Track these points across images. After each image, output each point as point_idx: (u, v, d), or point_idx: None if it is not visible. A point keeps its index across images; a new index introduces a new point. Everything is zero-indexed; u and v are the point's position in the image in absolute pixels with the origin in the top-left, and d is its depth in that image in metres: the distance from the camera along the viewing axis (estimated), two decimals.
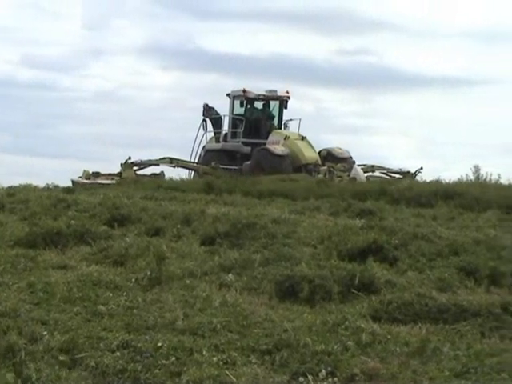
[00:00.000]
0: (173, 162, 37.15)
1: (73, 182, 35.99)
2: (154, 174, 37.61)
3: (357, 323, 9.02)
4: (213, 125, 38.17)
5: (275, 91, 37.78)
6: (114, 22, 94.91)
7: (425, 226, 16.47)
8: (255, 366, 7.60)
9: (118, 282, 11.38)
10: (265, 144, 37.08)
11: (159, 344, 8.22)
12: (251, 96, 37.45)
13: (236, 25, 75.20)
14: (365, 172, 37.15)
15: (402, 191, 26.25)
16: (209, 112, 37.86)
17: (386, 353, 8.00)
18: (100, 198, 22.13)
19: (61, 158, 73.26)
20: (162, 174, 38.25)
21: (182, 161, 37.50)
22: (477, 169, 34.64)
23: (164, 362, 7.79)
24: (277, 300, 10.74)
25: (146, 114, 78.64)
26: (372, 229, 14.80)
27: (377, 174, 39.23)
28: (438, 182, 29.99)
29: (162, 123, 74.64)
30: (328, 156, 36.25)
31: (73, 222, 16.36)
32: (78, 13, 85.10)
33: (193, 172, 38.89)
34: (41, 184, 32.30)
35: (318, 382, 7.15)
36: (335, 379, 7.19)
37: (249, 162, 36.37)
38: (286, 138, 36.30)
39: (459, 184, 29.79)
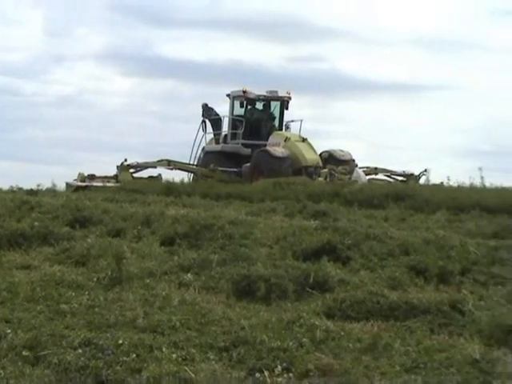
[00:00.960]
0: (170, 164, 35.40)
1: (68, 184, 34.62)
2: (151, 177, 36.37)
3: (311, 321, 9.04)
4: (212, 126, 36.52)
5: (276, 92, 36.32)
6: (75, 28, 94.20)
7: (377, 226, 16.59)
8: (213, 362, 7.59)
9: (80, 281, 11.36)
10: (265, 146, 35.57)
11: (120, 341, 8.18)
12: (251, 96, 36.01)
13: (193, 33, 75.59)
14: (367, 174, 36.09)
15: (354, 193, 26.71)
16: (208, 113, 36.25)
17: (340, 349, 8.02)
18: (63, 200, 22.05)
19: (24, 162, 72.74)
20: (159, 176, 36.91)
21: (180, 163, 35.87)
22: (427, 172, 35.99)
23: (125, 358, 7.74)
24: (234, 299, 10.76)
25: (106, 118, 78.24)
26: (326, 230, 14.87)
27: (380, 176, 38.22)
28: (390, 184, 30.99)
29: (122, 127, 74.36)
30: (329, 158, 34.51)
31: (36, 223, 16.32)
32: (40, 19, 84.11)
33: (192, 174, 37.37)
34: (5, 187, 32.17)
35: (274, 377, 7.13)
36: (290, 375, 7.20)
37: (248, 164, 34.85)
38: (287, 139, 34.71)
39: (410, 186, 30.30)
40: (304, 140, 34.70)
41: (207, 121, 36.38)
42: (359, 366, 7.44)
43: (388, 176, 38.23)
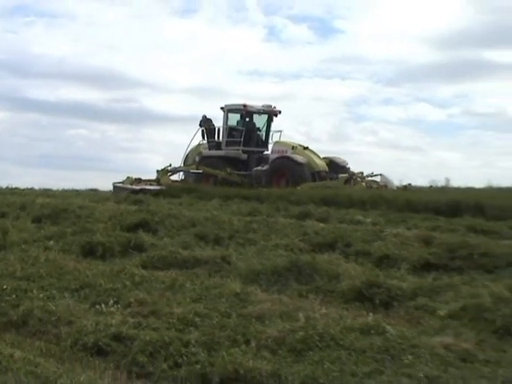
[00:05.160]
0: (199, 168, 28.30)
1: (116, 187, 27.79)
2: (182, 180, 29.63)
3: (132, 270, 9.18)
4: (207, 134, 30.06)
5: (270, 106, 29.58)
6: None
7: (174, 209, 16.68)
8: (68, 299, 7.62)
9: None
10: (262, 152, 29.12)
11: (4, 287, 8.18)
12: (252, 110, 29.13)
13: (48, 81, 73.44)
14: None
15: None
16: (206, 123, 30.07)
17: (151, 288, 8.12)
18: None
19: None
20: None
21: (210, 167, 28.05)
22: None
23: (7, 298, 7.78)
24: (82, 257, 10.68)
25: None
26: (142, 211, 14.90)
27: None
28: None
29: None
30: (331, 164, 27.27)
31: None
32: None
33: (182, 174, 29.83)
34: None
35: (108, 307, 7.20)
36: (118, 305, 7.28)
37: (260, 168, 27.36)
38: (294, 147, 27.44)
39: None
40: (305, 148, 27.73)
41: (204, 130, 30.09)
42: (163, 299, 7.53)
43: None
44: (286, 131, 33.93)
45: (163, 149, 70.79)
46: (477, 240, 10.93)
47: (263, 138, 29.60)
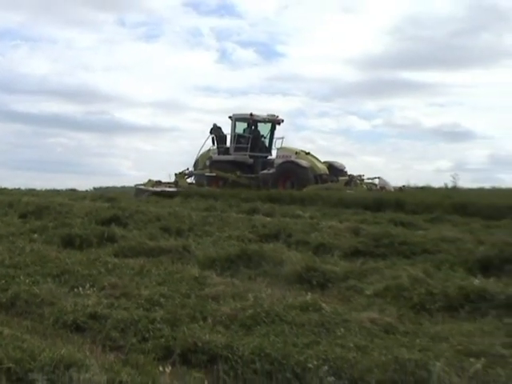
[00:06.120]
0: (212, 171, 26.67)
1: (138, 189, 26.27)
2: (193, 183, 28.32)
3: (106, 258, 9.11)
4: (217, 141, 28.21)
5: (274, 115, 28.03)
6: None
7: (142, 206, 16.53)
8: (50, 283, 7.49)
9: None
10: (265, 157, 27.63)
11: None
12: (258, 119, 27.62)
13: (32, 96, 72.60)
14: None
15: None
16: (217, 131, 28.34)
17: (122, 274, 8.05)
18: None
19: None
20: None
21: (219, 171, 26.56)
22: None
23: None
24: (62, 247, 10.50)
25: None
26: (114, 208, 14.76)
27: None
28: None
29: None
30: (330, 167, 25.77)
31: None
32: None
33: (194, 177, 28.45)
34: None
35: (85, 291, 7.11)
36: (94, 289, 7.20)
37: (266, 171, 25.95)
38: (297, 153, 25.84)
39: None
40: (308, 153, 26.17)
41: (215, 136, 28.29)
42: (133, 283, 7.49)
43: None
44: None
45: (131, 154, 70.91)
46: (397, 231, 11.08)
47: (267, 144, 28.34)
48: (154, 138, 75.61)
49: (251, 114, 27.34)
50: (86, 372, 4.17)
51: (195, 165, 28.66)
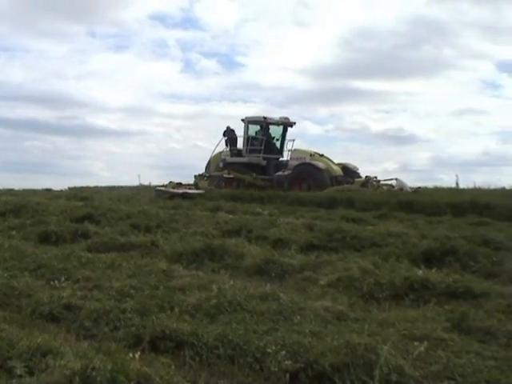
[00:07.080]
0: (230, 173, 25.29)
1: (159, 191, 24.36)
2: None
3: (80, 253, 8.95)
4: (230, 143, 27.04)
5: (286, 118, 26.85)
6: None
7: (113, 204, 16.43)
8: (27, 277, 7.36)
9: None
10: (277, 159, 26.47)
11: None
12: (271, 121, 26.48)
13: (9, 102, 72.18)
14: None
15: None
16: (230, 133, 27.15)
17: (94, 267, 7.97)
18: None
19: None
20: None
21: (235, 172, 25.28)
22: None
23: None
24: (38, 243, 10.38)
25: None
26: (87, 206, 14.65)
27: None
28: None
29: None
30: (344, 169, 24.29)
31: None
32: None
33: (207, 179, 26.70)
34: None
35: (60, 283, 6.97)
36: (69, 281, 7.09)
37: (281, 173, 24.63)
38: (312, 155, 24.51)
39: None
40: (321, 155, 24.67)
41: (228, 139, 27.14)
42: (104, 276, 7.43)
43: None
44: (201, 142, 33.47)
45: (102, 156, 70.52)
46: (348, 226, 11.19)
47: (279, 146, 27.17)
48: (124, 141, 75.66)
49: (265, 117, 26.55)
50: (62, 359, 4.11)
51: (207, 167, 27.69)
